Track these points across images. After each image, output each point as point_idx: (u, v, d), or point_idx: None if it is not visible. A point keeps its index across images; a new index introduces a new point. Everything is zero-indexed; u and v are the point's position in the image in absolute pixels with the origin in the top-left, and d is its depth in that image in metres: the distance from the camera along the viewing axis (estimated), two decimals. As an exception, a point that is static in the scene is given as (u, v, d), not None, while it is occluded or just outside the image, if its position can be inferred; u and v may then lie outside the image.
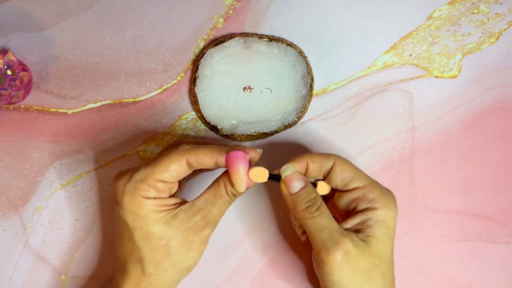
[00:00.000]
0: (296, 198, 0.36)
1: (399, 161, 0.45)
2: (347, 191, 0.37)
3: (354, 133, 0.45)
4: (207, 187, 0.37)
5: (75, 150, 0.44)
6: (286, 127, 0.44)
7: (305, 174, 0.37)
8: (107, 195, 0.44)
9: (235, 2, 0.45)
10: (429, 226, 0.45)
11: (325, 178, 0.38)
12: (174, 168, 0.35)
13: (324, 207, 0.36)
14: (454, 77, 0.45)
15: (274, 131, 0.44)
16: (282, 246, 0.44)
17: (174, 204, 0.36)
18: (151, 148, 0.44)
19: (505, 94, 0.45)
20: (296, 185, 0.36)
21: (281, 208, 0.44)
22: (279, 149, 0.45)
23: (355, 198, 0.37)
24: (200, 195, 0.36)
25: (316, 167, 0.37)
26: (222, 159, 0.35)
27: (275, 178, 0.37)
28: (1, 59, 0.41)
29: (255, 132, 0.43)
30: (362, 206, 0.36)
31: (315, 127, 0.45)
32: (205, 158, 0.35)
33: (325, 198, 0.39)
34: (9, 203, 0.43)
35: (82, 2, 0.44)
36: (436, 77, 0.45)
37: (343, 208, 0.38)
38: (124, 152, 0.44)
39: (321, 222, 0.35)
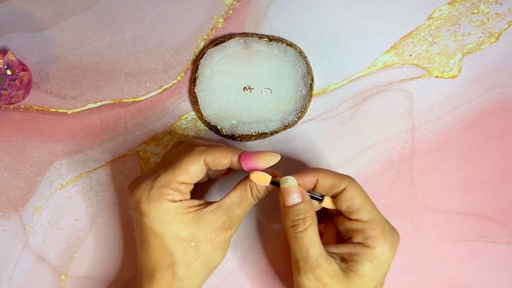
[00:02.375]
0: (287, 212, 0.36)
1: (399, 161, 0.45)
2: (349, 218, 0.37)
3: (354, 133, 0.45)
4: (214, 187, 0.36)
5: (75, 150, 0.44)
6: (286, 127, 0.44)
7: (314, 188, 0.37)
8: (107, 195, 0.44)
9: (235, 2, 0.45)
10: (429, 226, 0.45)
11: (334, 197, 0.37)
12: (194, 169, 0.35)
13: (311, 230, 0.35)
14: (454, 77, 0.45)
15: (274, 131, 0.44)
16: (282, 246, 0.44)
17: (199, 205, 0.36)
18: (151, 148, 0.44)
19: (505, 94, 0.45)
20: (292, 199, 0.36)
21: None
22: (279, 149, 0.45)
23: (353, 229, 0.36)
24: (225, 196, 0.36)
25: (325, 186, 0.37)
26: (236, 159, 0.36)
27: (277, 184, 0.37)
28: (1, 59, 0.41)
29: (255, 132, 0.43)
30: (357, 239, 0.36)
31: (315, 127, 0.45)
32: (221, 158, 0.35)
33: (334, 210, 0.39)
34: (9, 203, 0.43)
35: (82, 2, 0.44)
36: (436, 77, 0.45)
37: (342, 233, 0.38)
38: (124, 152, 0.44)
39: (302, 245, 0.35)
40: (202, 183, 0.43)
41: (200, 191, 0.44)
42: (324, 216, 0.41)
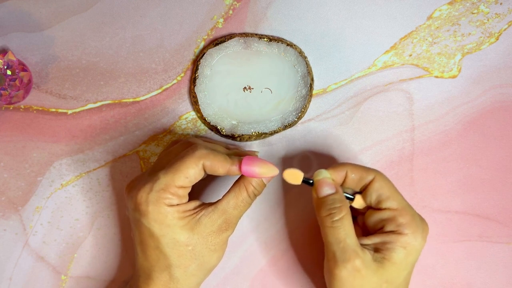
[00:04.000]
0: (322, 202, 0.37)
1: (399, 161, 0.45)
2: (379, 209, 0.37)
3: (354, 133, 0.45)
4: (211, 186, 0.36)
5: (75, 150, 0.44)
6: (286, 127, 0.44)
7: (343, 183, 0.38)
8: (106, 195, 0.44)
9: (235, 2, 0.45)
10: (429, 226, 0.45)
11: (362, 191, 0.38)
12: (193, 173, 0.35)
13: (347, 220, 0.36)
14: (454, 77, 0.45)
15: (274, 131, 0.44)
16: (283, 246, 0.44)
17: (195, 208, 0.36)
18: (151, 148, 0.44)
19: (505, 94, 0.45)
20: (326, 190, 0.37)
21: (282, 209, 0.44)
22: (279, 149, 0.45)
23: (384, 219, 0.37)
24: (221, 198, 0.37)
25: (354, 178, 0.37)
26: (234, 168, 0.36)
27: (308, 182, 0.37)
28: (1, 59, 0.41)
29: (255, 132, 0.43)
30: (389, 228, 0.36)
31: (315, 127, 0.45)
32: (218, 166, 0.35)
33: (357, 212, 0.40)
34: (9, 203, 0.43)
35: (82, 2, 0.44)
36: (436, 77, 0.45)
37: (371, 226, 0.38)
38: (124, 152, 0.44)
39: (338, 234, 0.35)
40: (200, 181, 0.43)
41: (198, 189, 0.44)
42: None
